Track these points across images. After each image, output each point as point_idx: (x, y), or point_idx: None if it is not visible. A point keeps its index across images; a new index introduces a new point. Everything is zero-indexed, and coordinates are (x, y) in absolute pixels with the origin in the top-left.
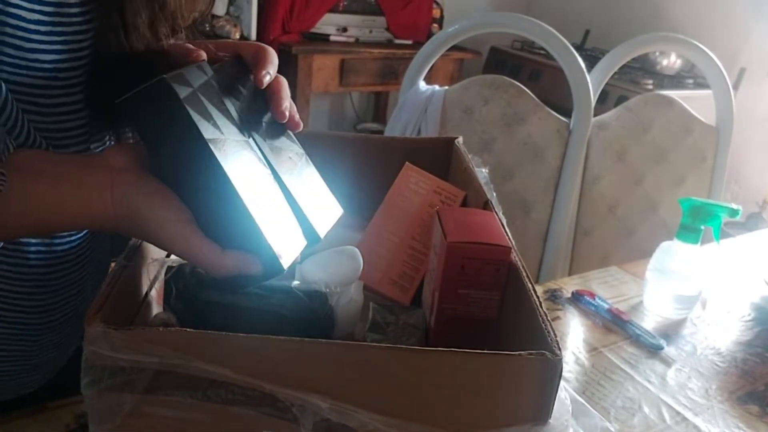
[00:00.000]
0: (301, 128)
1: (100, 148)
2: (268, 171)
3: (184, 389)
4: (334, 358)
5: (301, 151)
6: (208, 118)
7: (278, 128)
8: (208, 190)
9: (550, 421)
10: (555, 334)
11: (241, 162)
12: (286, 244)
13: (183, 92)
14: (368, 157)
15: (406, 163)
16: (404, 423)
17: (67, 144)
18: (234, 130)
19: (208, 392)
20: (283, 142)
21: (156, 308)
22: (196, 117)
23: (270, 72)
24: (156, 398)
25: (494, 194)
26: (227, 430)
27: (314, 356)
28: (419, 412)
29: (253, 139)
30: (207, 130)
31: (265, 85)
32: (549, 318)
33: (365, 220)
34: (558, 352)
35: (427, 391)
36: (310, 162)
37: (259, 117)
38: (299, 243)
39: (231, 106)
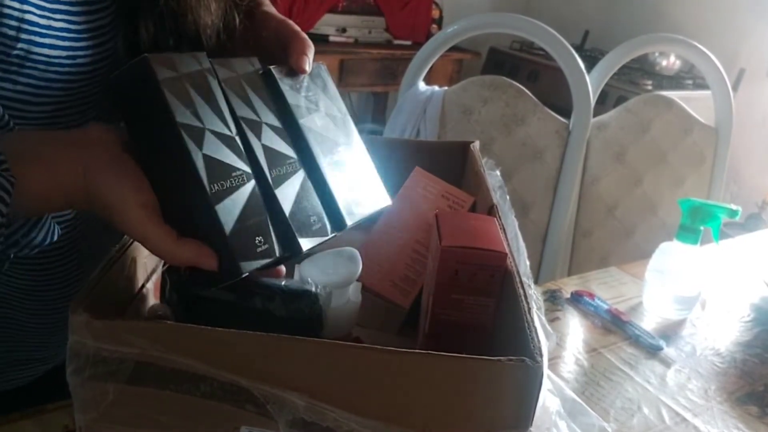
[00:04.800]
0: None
1: None
2: (250, 170)
3: (165, 381)
4: (311, 356)
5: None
6: (188, 104)
7: (290, 129)
8: (174, 177)
9: (531, 429)
10: (538, 341)
11: (217, 155)
12: (251, 248)
13: (163, 74)
14: (381, 159)
15: (416, 167)
16: (381, 424)
17: None
18: (219, 123)
19: (188, 385)
20: (291, 142)
21: (153, 300)
22: (172, 100)
23: (309, 56)
24: (138, 389)
25: (507, 198)
26: (207, 424)
27: (291, 353)
28: (397, 414)
29: (247, 137)
30: (183, 116)
31: (307, 70)
32: (534, 325)
33: (373, 222)
34: (539, 359)
35: (405, 393)
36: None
37: (265, 116)
38: (270, 251)
39: (224, 101)
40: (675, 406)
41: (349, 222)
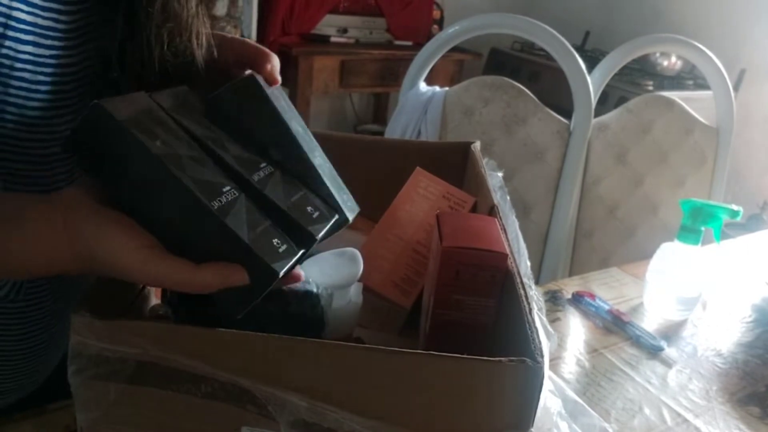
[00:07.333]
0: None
1: None
2: (236, 185)
3: (167, 381)
4: (312, 356)
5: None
6: (154, 137)
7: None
8: (170, 209)
9: (532, 430)
10: (539, 342)
11: (202, 175)
12: (274, 250)
13: (121, 115)
14: (383, 160)
15: (417, 167)
16: (382, 425)
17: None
18: (187, 148)
19: (190, 385)
20: (252, 153)
21: (154, 300)
22: (140, 136)
23: (277, 66)
24: (139, 389)
25: (508, 198)
26: (209, 424)
27: (293, 354)
28: (397, 414)
29: (218, 153)
30: (156, 147)
31: (279, 80)
32: (535, 325)
33: (374, 223)
34: (540, 359)
35: (406, 393)
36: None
37: (219, 133)
38: (291, 249)
39: (180, 128)
40: (676, 407)
41: (350, 214)
